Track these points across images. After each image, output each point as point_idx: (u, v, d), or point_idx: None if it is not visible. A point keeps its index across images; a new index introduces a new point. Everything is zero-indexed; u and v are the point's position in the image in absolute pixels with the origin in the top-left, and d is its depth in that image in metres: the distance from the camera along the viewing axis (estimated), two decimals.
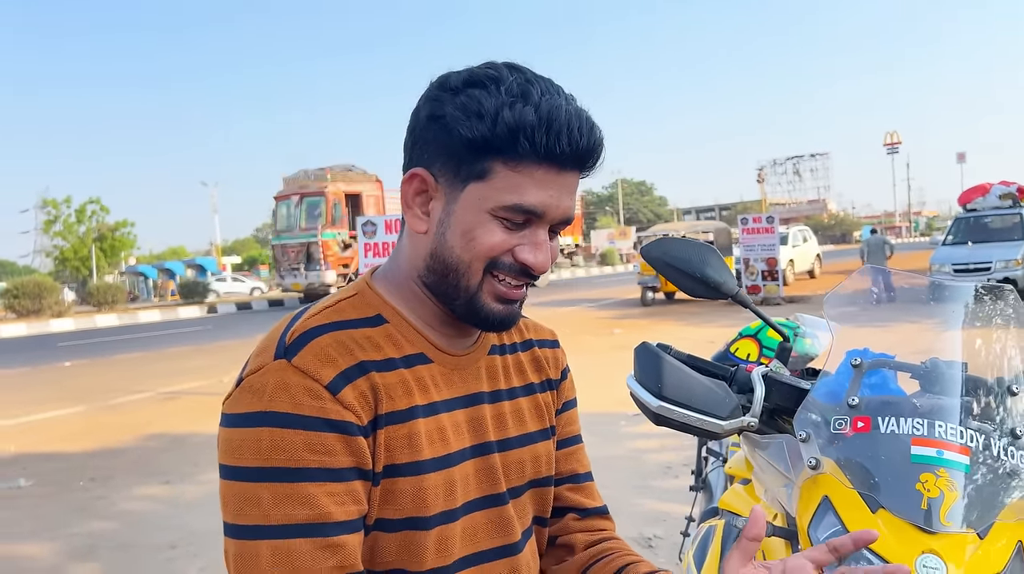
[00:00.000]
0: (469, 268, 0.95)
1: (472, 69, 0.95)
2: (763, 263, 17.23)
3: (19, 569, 4.55)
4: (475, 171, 0.92)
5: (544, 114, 0.89)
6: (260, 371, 0.89)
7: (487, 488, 1.01)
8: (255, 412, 0.87)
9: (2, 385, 12.51)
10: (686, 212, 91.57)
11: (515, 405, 1.08)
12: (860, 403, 1.38)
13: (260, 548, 0.84)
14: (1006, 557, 1.25)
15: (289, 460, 0.85)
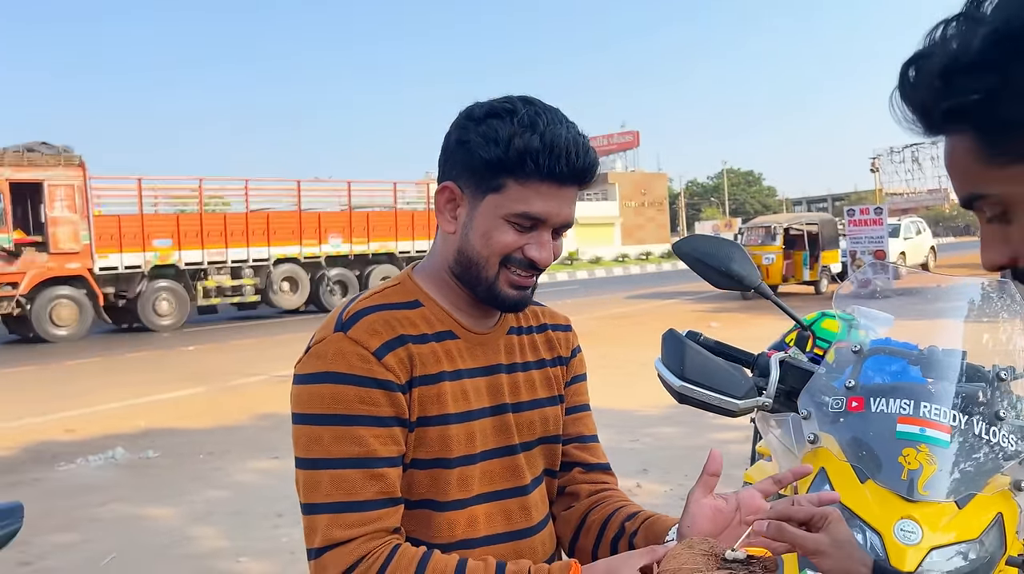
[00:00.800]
0: (487, 262, 1.18)
1: (492, 102, 1.19)
2: (870, 256, 16.65)
3: (148, 528, 5.09)
4: (492, 185, 1.15)
5: (547, 141, 1.12)
6: (324, 341, 1.16)
7: (502, 440, 1.24)
8: (319, 372, 1.13)
9: (136, 367, 13.60)
10: (796, 202, 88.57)
11: (528, 376, 1.30)
12: (856, 385, 1.54)
13: (322, 476, 1.10)
14: (982, 526, 1.38)
15: (345, 409, 1.11)
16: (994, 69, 0.62)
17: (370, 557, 1.08)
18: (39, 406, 9.82)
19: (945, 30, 0.67)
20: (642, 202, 69.91)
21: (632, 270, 43.60)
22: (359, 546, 1.08)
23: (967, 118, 0.66)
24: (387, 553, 1.08)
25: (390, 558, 1.08)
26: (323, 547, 1.09)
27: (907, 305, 1.85)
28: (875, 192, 57.84)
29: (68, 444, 7.63)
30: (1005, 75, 0.62)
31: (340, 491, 1.09)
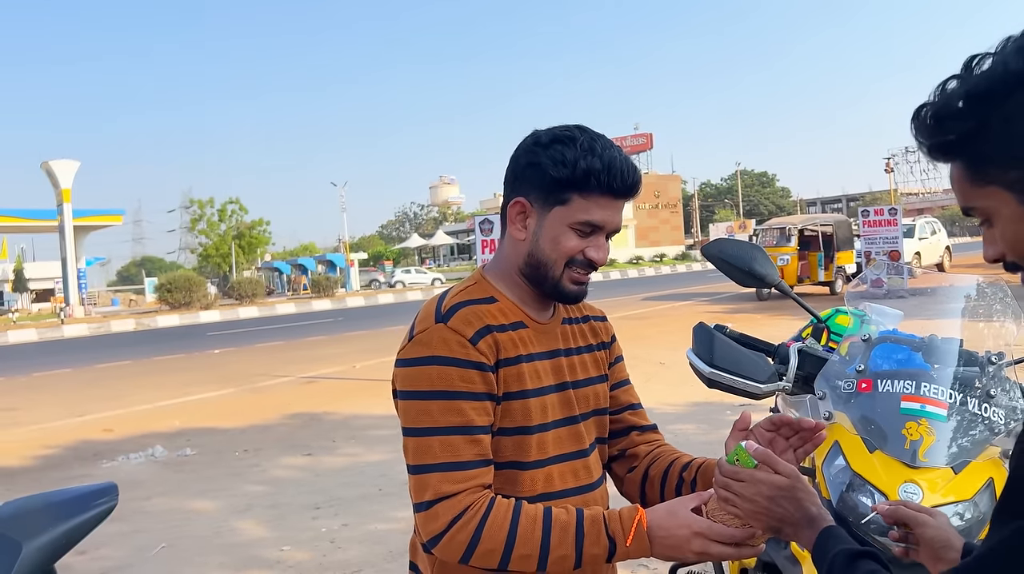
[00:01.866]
0: (555, 263, 1.41)
1: (554, 130, 1.43)
2: (885, 256, 16.77)
3: (192, 520, 5.35)
4: (559, 199, 1.39)
5: (606, 163, 1.37)
6: (426, 331, 1.37)
7: (567, 411, 1.46)
8: (426, 356, 1.34)
9: (165, 369, 13.94)
10: (810, 203, 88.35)
11: (581, 358, 1.53)
12: (865, 369, 1.76)
13: (432, 441, 1.32)
14: (975, 488, 1.60)
15: (449, 386, 1.32)
16: (969, 118, 0.87)
17: (474, 506, 1.29)
18: (77, 407, 10.16)
19: (946, 84, 0.91)
20: (656, 204, 69.93)
21: (647, 272, 43.69)
22: (465, 498, 1.29)
23: (953, 151, 0.91)
24: (487, 503, 1.30)
25: (490, 507, 1.29)
26: (435, 499, 1.29)
27: (912, 301, 2.06)
28: (890, 192, 57.80)
29: (108, 443, 7.93)
30: (978, 123, 0.87)
31: (447, 453, 1.30)
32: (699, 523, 1.24)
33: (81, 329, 26.96)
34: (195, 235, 55.13)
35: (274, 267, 58.81)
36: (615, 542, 1.27)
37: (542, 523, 1.28)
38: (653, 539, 1.27)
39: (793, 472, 1.19)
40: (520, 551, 1.27)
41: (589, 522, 1.29)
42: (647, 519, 1.28)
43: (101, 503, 1.89)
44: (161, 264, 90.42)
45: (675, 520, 1.26)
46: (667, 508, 1.29)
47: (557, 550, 1.27)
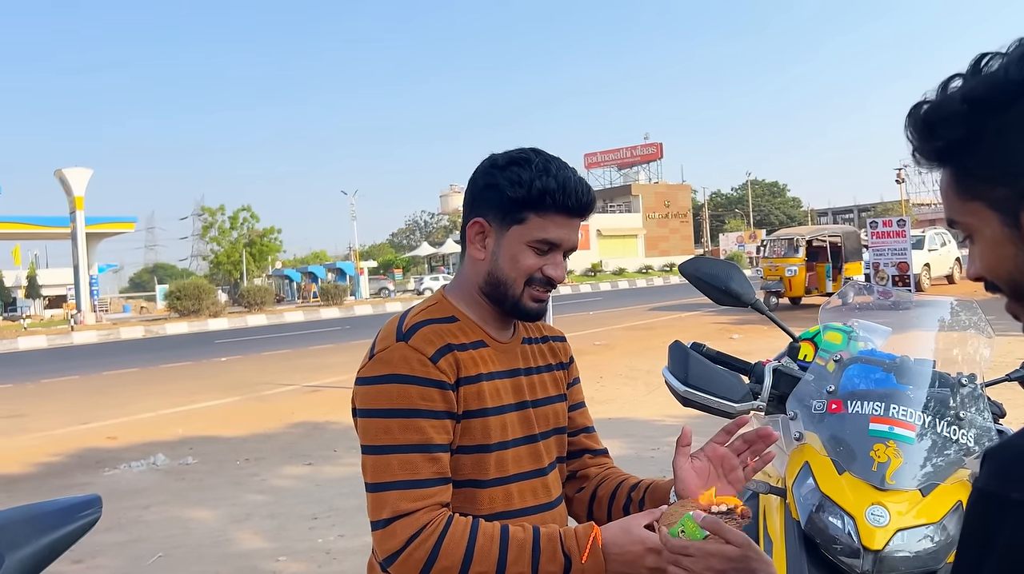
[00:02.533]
0: (515, 282, 1.44)
1: (510, 153, 1.46)
2: (894, 268, 16.72)
3: (190, 529, 5.37)
4: (517, 218, 1.42)
5: (560, 182, 1.41)
6: (387, 349, 1.38)
7: (527, 430, 1.48)
8: (386, 374, 1.35)
9: (171, 377, 14.01)
10: (822, 214, 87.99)
11: (540, 377, 1.55)
12: (836, 390, 1.76)
13: (391, 459, 1.32)
14: (944, 511, 1.60)
15: (409, 404, 1.33)
16: (961, 126, 0.79)
17: (432, 524, 1.30)
18: (83, 414, 10.23)
19: (949, 82, 0.81)
20: (666, 214, 69.89)
21: (655, 282, 43.62)
22: (423, 515, 1.30)
23: (942, 159, 0.83)
24: (444, 521, 1.31)
25: (448, 524, 1.30)
26: (392, 517, 1.30)
27: (887, 320, 2.07)
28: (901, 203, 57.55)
29: (111, 450, 7.98)
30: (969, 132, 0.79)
31: (406, 471, 1.31)
32: (653, 539, 1.26)
33: (91, 336, 27.13)
34: (207, 242, 55.48)
35: (285, 275, 59.02)
36: (571, 559, 1.29)
37: (499, 540, 1.30)
38: (608, 556, 1.29)
39: (744, 540, 1.18)
40: (477, 569, 1.28)
41: (546, 540, 1.31)
42: (602, 536, 1.29)
43: (85, 515, 1.91)
44: (173, 271, 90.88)
45: (629, 537, 1.28)
46: (621, 525, 1.31)
47: (513, 567, 1.29)
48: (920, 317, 2.00)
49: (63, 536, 1.80)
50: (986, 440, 1.68)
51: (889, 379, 1.81)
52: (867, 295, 2.13)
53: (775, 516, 1.78)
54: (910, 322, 2.05)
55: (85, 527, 1.90)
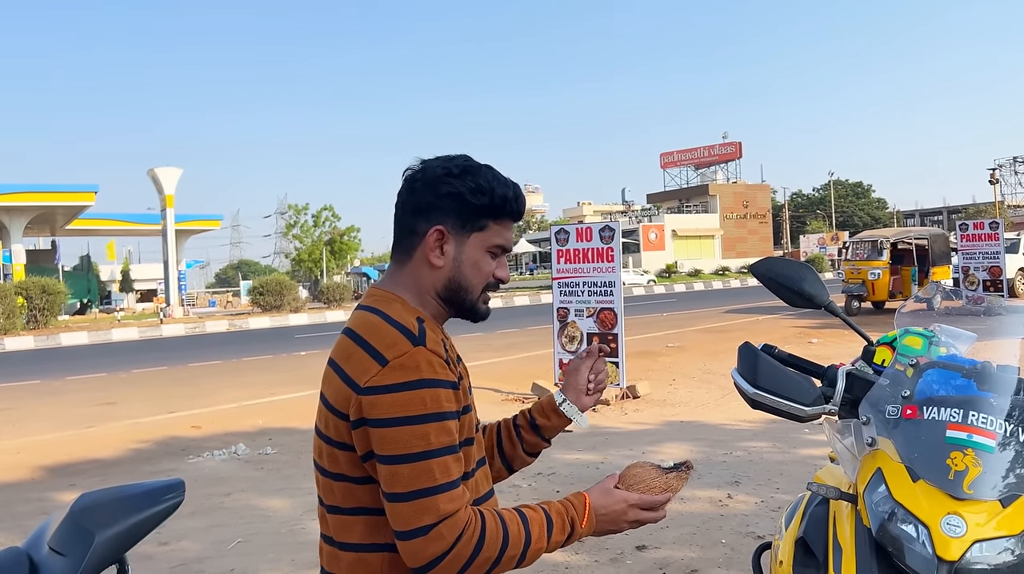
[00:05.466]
0: (476, 287, 1.52)
1: (453, 160, 1.50)
2: (985, 273, 15.98)
3: (268, 517, 5.55)
4: (478, 226, 1.49)
5: (513, 190, 1.52)
6: (407, 354, 1.35)
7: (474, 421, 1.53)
8: (415, 380, 1.34)
9: (252, 370, 14.48)
10: (908, 215, 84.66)
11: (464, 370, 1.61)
12: (912, 395, 1.71)
13: (432, 464, 1.33)
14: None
15: (440, 407, 1.35)
16: None
17: (471, 523, 1.35)
18: (169, 403, 10.68)
19: None
20: (744, 214, 68.46)
21: (732, 284, 42.78)
22: (463, 514, 1.34)
23: None
24: (478, 517, 1.37)
25: (483, 521, 1.37)
26: (438, 521, 1.32)
27: (973, 326, 1.99)
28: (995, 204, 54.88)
29: (195, 439, 8.31)
30: None
31: (444, 474, 1.34)
32: (632, 496, 1.49)
33: (178, 329, 28.25)
34: (289, 240, 57.02)
35: (362, 272, 60.21)
36: (574, 527, 1.46)
37: (523, 524, 1.41)
38: (597, 518, 1.48)
39: None
40: (510, 553, 1.39)
41: (555, 514, 1.45)
42: (590, 502, 1.48)
43: (169, 498, 2.00)
44: (257, 268, 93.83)
45: (611, 497, 1.49)
46: (601, 490, 1.51)
47: (536, 545, 1.41)
48: (1010, 323, 1.92)
49: (148, 517, 1.88)
50: None
51: (970, 385, 1.75)
52: (955, 299, 2.05)
53: (845, 523, 1.74)
54: (999, 328, 1.97)
55: (169, 510, 1.99)
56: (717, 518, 4.94)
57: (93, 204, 38.01)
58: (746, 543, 4.42)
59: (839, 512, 1.81)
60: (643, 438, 7.29)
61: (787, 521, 2.04)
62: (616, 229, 9.40)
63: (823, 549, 1.79)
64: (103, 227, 48.34)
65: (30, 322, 27.89)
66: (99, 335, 26.10)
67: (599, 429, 7.85)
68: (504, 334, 17.84)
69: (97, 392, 12.43)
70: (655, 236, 62.49)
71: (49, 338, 24.95)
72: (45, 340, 24.71)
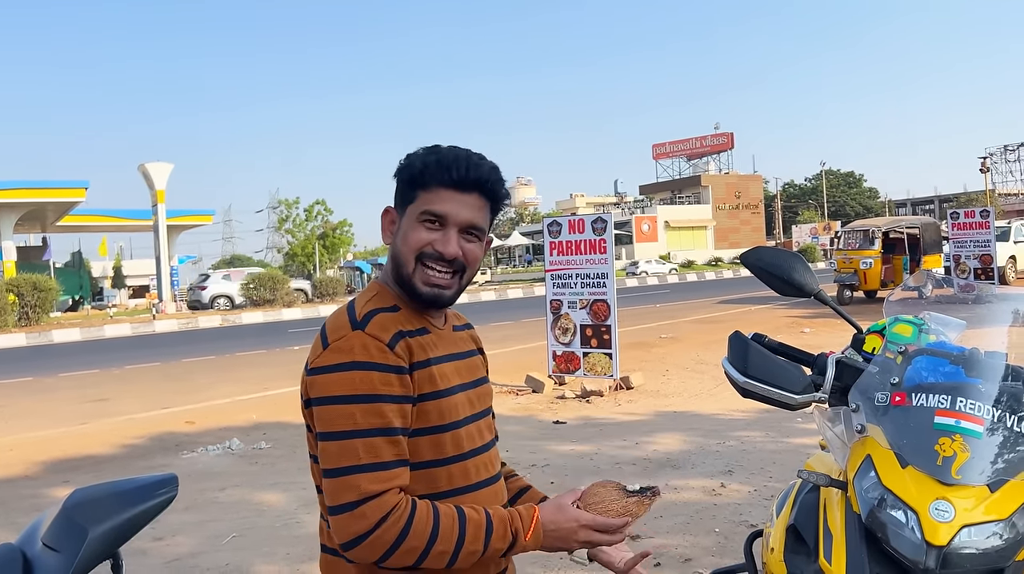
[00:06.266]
0: (407, 259, 1.48)
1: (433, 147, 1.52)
2: (976, 261, 16.05)
3: (262, 511, 5.55)
4: (409, 198, 1.50)
5: (442, 158, 1.47)
6: (344, 338, 1.41)
7: (472, 409, 1.55)
8: (347, 362, 1.38)
9: (246, 364, 14.46)
10: (900, 204, 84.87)
11: (472, 361, 1.64)
12: (900, 382, 1.72)
13: (356, 444, 1.36)
14: (1013, 507, 1.55)
15: (371, 389, 1.37)
16: None
17: (399, 507, 1.36)
18: (162, 399, 10.66)
19: None
20: (736, 205, 68.57)
21: (725, 274, 42.83)
22: (390, 498, 1.36)
23: None
24: (410, 503, 1.38)
25: (415, 507, 1.38)
26: (360, 500, 1.34)
27: (962, 313, 2.00)
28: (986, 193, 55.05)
29: (189, 434, 8.30)
30: None
31: (371, 454, 1.36)
32: (585, 516, 1.44)
33: (171, 324, 28.16)
34: (282, 235, 56.85)
35: (355, 266, 60.09)
36: (516, 537, 1.42)
37: (458, 521, 1.39)
38: (545, 533, 1.44)
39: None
40: (439, 548, 1.37)
41: (498, 520, 1.42)
42: (539, 517, 1.44)
43: (162, 493, 2.00)
44: (249, 262, 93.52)
45: (563, 514, 1.44)
46: (555, 504, 1.47)
47: (470, 546, 1.39)
48: (999, 311, 1.93)
49: (142, 512, 1.88)
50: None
51: (958, 372, 1.76)
52: (945, 288, 2.07)
53: (836, 510, 1.75)
54: (988, 316, 1.98)
55: (163, 504, 1.99)
56: (710, 507, 4.96)
57: (84, 200, 37.83)
58: (739, 532, 4.44)
59: (829, 499, 1.82)
60: (636, 429, 7.31)
61: (778, 508, 2.05)
62: (608, 221, 9.41)
63: (813, 536, 1.80)
64: (94, 223, 48.09)
65: (22, 319, 27.75)
66: (91, 331, 25.99)
67: (592, 420, 7.88)
68: (498, 326, 17.85)
69: (90, 388, 12.40)
70: (648, 227, 62.54)
71: (41, 335, 24.84)
72: (37, 337, 24.60)
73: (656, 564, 4.11)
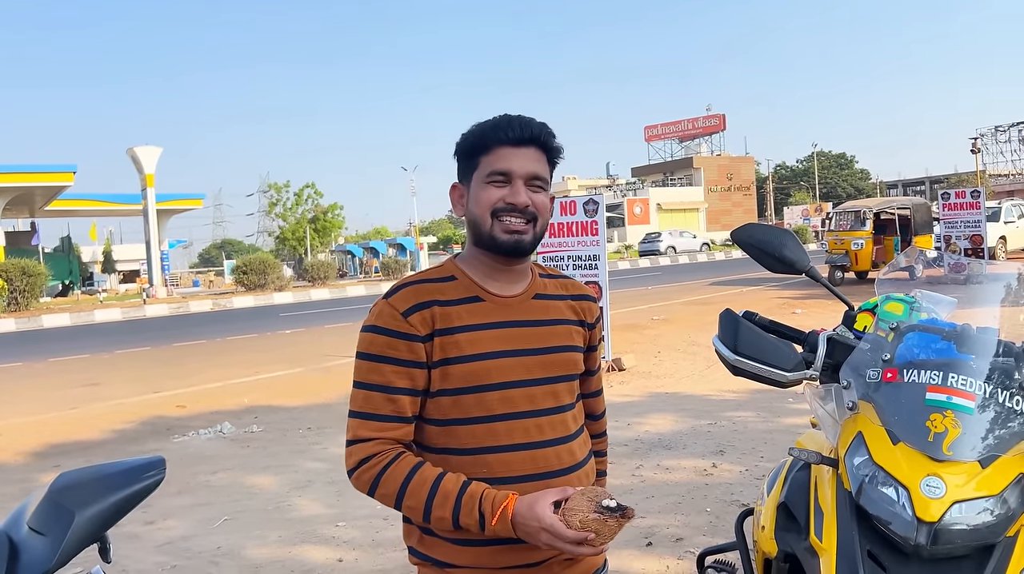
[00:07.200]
0: (483, 218, 1.60)
1: None
2: (967, 241, 16.10)
3: (254, 494, 5.55)
4: (472, 166, 1.62)
5: (496, 122, 1.60)
6: (376, 304, 1.62)
7: (530, 374, 1.60)
8: (368, 325, 1.60)
9: (237, 349, 14.42)
10: (891, 186, 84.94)
11: (548, 330, 1.66)
12: (892, 358, 1.71)
13: (358, 393, 1.57)
14: (1004, 483, 1.54)
15: (377, 350, 1.56)
16: None
17: (380, 455, 1.53)
18: (154, 383, 10.63)
19: None
20: (728, 187, 68.59)
21: (717, 256, 42.89)
22: (374, 446, 1.54)
23: None
24: (392, 455, 1.53)
25: (393, 460, 1.53)
26: (352, 441, 1.56)
27: (953, 292, 1.99)
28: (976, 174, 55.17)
29: (181, 419, 8.28)
30: None
31: (368, 406, 1.56)
32: (547, 521, 1.42)
33: (162, 309, 28.07)
34: (272, 219, 56.65)
35: (347, 250, 59.93)
36: (484, 518, 1.47)
37: (429, 486, 1.49)
38: (516, 525, 1.46)
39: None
40: (408, 502, 1.51)
41: (467, 496, 1.48)
42: (513, 507, 1.46)
43: (149, 476, 1.98)
44: (240, 247, 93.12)
45: (531, 513, 1.44)
46: (530, 501, 1.46)
47: (437, 511, 1.49)
48: (990, 288, 1.92)
49: (129, 495, 1.86)
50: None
51: (949, 348, 1.75)
52: (937, 267, 2.05)
53: (827, 487, 1.75)
54: (980, 293, 1.97)
55: (150, 487, 1.97)
56: (702, 487, 4.98)
57: (72, 184, 37.52)
58: (731, 511, 4.46)
59: (820, 477, 1.82)
60: (628, 410, 7.32)
61: (769, 486, 2.05)
62: (600, 202, 9.38)
63: (804, 513, 1.80)
64: (83, 208, 47.74)
65: (11, 305, 27.60)
66: (81, 317, 25.87)
67: None
68: None
69: (80, 374, 12.35)
70: (640, 210, 62.49)
71: (31, 320, 24.70)
72: (27, 322, 24.47)
73: (648, 544, 4.13)
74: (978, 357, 1.67)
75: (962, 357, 1.68)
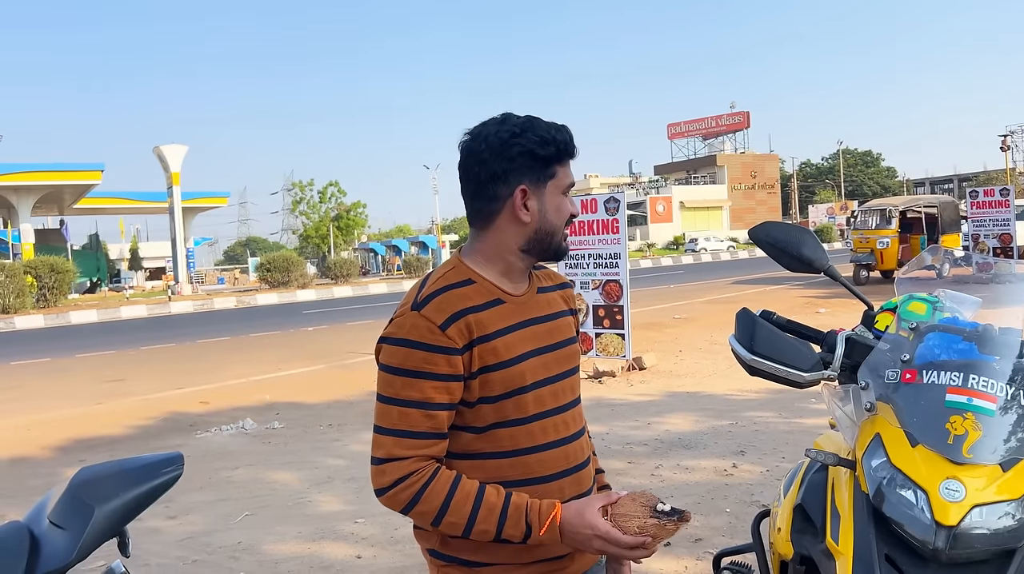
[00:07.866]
0: (559, 229, 1.61)
1: (509, 118, 1.58)
2: (996, 240, 15.85)
3: (275, 490, 5.59)
4: (549, 174, 1.58)
5: (567, 135, 1.60)
6: (403, 316, 1.53)
7: (549, 371, 1.61)
8: (399, 338, 1.51)
9: (260, 345, 14.54)
10: (918, 183, 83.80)
11: (557, 323, 1.67)
12: (911, 359, 1.68)
13: (392, 409, 1.50)
14: None
15: (413, 366, 1.49)
16: None
17: (419, 473, 1.48)
18: (177, 380, 10.73)
19: None
20: (752, 185, 68.03)
21: (740, 255, 42.58)
22: (411, 463, 1.48)
23: None
24: (430, 473, 1.49)
25: (432, 477, 1.48)
26: (385, 459, 1.49)
27: (978, 292, 1.96)
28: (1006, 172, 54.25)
29: (203, 414, 8.36)
30: None
31: (404, 423, 1.49)
32: (600, 527, 1.43)
33: (187, 306, 28.37)
34: (296, 216, 57.03)
35: (370, 248, 60.20)
36: (531, 529, 1.46)
37: (473, 499, 1.47)
38: (564, 534, 1.46)
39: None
40: (450, 518, 1.47)
41: (513, 507, 1.47)
42: (561, 516, 1.46)
43: (168, 471, 1.99)
44: (265, 244, 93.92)
45: (582, 521, 1.45)
46: (578, 508, 1.47)
47: (481, 525, 1.47)
48: (1016, 288, 1.88)
49: (148, 490, 1.88)
50: None
51: (971, 349, 1.72)
52: (963, 267, 2.02)
53: (844, 489, 1.72)
54: (1005, 293, 1.93)
55: (168, 482, 1.98)
56: (722, 487, 4.94)
57: (99, 182, 38.05)
58: (750, 512, 4.42)
59: (837, 478, 1.80)
60: (648, 409, 7.29)
61: (786, 488, 2.03)
62: (621, 200, 9.33)
63: (821, 515, 1.77)
64: (111, 205, 48.42)
65: (40, 301, 28.04)
66: (108, 313, 26.21)
67: (605, 400, 7.86)
68: None
69: (106, 369, 12.52)
70: (662, 208, 62.18)
71: (59, 316, 25.08)
72: (55, 318, 24.84)
73: (666, 544, 4.10)
74: (1001, 358, 1.64)
75: (984, 358, 1.65)
